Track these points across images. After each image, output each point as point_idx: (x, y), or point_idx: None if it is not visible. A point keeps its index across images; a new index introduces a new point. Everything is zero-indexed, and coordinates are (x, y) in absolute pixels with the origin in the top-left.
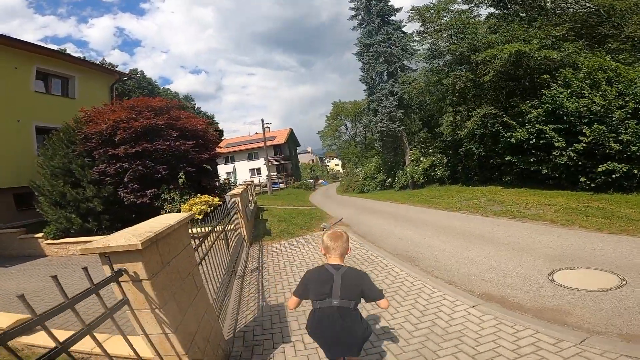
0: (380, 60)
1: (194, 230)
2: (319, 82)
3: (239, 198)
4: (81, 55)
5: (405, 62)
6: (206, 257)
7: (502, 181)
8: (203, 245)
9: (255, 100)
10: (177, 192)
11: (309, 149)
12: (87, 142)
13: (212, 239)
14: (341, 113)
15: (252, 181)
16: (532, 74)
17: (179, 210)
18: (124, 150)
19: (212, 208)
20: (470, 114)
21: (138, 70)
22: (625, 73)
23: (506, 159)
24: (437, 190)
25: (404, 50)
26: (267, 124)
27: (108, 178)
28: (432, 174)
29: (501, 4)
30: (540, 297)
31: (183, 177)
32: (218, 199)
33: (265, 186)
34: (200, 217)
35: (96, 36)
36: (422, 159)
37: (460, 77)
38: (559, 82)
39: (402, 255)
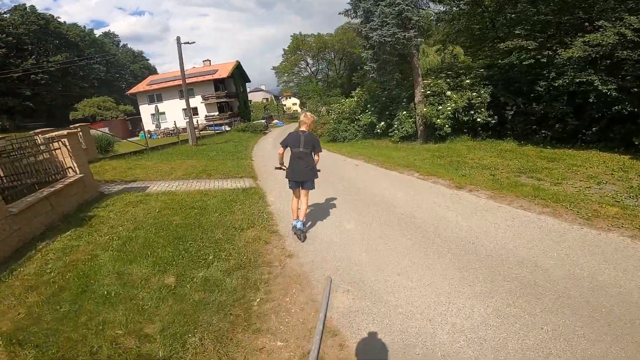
0: None
1: None
2: (279, 24)
3: None
4: None
5: None
6: None
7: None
8: None
9: (208, 42)
10: None
11: (263, 87)
12: None
13: None
14: (302, 47)
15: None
16: None
17: None
18: None
19: None
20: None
21: (27, 5)
22: None
23: None
24: (491, 150)
25: None
26: (187, 42)
27: None
28: (466, 119)
29: None
30: None
31: None
32: None
33: (203, 129)
34: None
35: None
36: (449, 93)
37: None
38: None
39: None
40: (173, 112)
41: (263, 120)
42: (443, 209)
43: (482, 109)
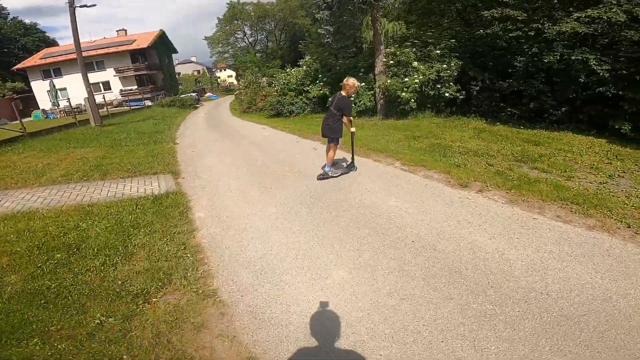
0: None
1: None
2: None
3: None
4: None
5: None
6: None
7: (611, 130)
8: None
9: (131, 13)
10: None
11: (194, 58)
12: None
13: None
14: (239, 16)
15: None
16: None
17: None
18: None
19: None
20: None
21: None
22: None
23: None
24: (462, 129)
25: None
26: (84, 6)
27: None
28: (432, 93)
29: None
30: None
31: None
32: None
33: (119, 105)
34: None
35: None
36: (415, 64)
37: None
38: None
39: None
40: (77, 88)
41: (194, 94)
42: (465, 228)
43: (451, 83)
